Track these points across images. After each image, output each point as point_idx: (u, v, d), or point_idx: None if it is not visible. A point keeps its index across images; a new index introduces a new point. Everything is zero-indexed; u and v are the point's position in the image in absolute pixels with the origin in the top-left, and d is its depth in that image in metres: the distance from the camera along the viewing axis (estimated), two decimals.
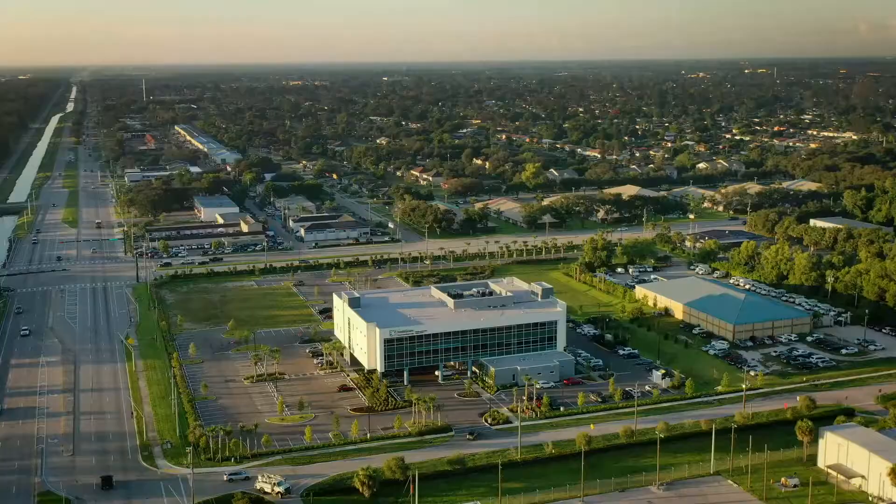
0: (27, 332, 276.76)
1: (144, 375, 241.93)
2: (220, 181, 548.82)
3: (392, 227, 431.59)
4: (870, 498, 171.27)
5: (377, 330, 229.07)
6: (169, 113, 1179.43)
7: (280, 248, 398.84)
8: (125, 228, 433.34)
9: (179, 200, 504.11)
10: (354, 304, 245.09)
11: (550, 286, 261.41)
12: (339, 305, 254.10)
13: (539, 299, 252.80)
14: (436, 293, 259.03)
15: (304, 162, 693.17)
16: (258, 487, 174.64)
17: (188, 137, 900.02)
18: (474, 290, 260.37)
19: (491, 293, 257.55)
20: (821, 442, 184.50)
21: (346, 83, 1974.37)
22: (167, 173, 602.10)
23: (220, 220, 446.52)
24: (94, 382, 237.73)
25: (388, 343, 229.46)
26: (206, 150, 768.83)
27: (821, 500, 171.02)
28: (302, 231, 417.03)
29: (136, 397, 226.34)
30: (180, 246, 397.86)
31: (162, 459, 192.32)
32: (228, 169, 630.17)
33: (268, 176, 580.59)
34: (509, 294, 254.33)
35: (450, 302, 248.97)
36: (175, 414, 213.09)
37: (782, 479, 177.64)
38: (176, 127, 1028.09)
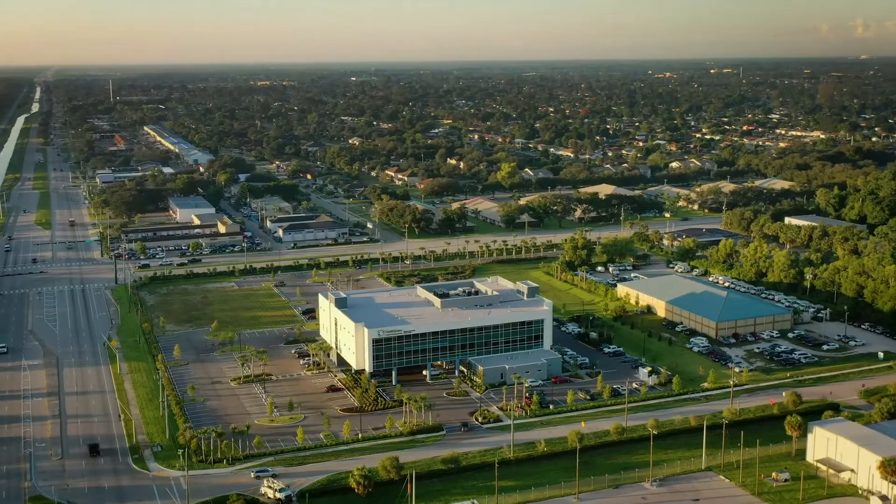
0: (4, 349, 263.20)
1: (130, 378, 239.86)
2: (195, 182, 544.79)
3: (371, 227, 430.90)
4: (860, 491, 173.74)
5: (365, 330, 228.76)
6: (137, 113, 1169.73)
7: (258, 248, 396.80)
8: (101, 230, 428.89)
9: (154, 201, 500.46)
10: (341, 304, 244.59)
11: (536, 285, 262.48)
12: (325, 306, 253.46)
13: (525, 298, 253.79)
14: (422, 293, 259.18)
15: (277, 162, 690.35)
16: (262, 492, 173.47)
17: (158, 138, 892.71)
18: (460, 289, 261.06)
19: (477, 292, 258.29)
20: (809, 437, 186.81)
21: (315, 83, 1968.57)
22: (139, 174, 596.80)
23: (197, 221, 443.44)
24: (78, 385, 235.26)
25: (376, 343, 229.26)
26: (177, 150, 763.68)
27: (812, 494, 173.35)
28: (280, 231, 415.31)
29: (122, 400, 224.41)
30: (157, 247, 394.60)
31: (153, 462, 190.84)
32: (201, 170, 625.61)
33: (242, 176, 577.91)
34: (495, 293, 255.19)
35: (436, 301, 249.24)
36: (164, 416, 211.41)
37: (773, 473, 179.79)
38: (145, 127, 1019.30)
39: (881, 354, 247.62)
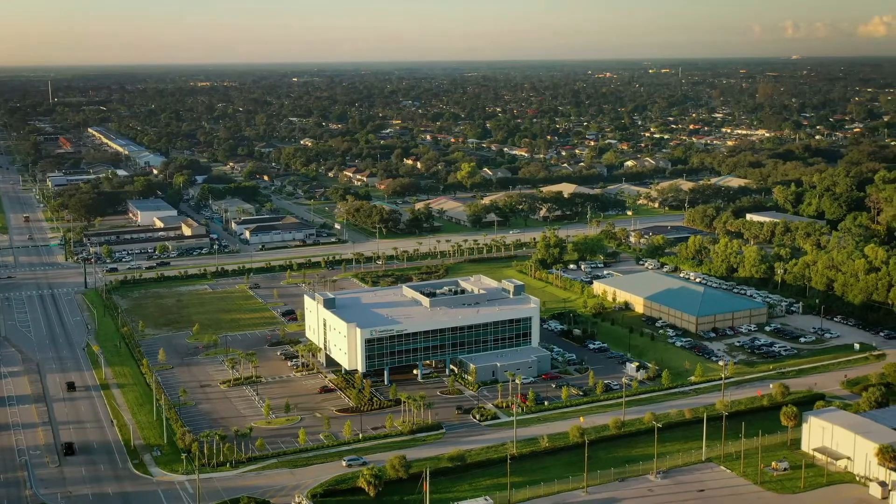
0: None
1: (116, 382, 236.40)
2: (152, 184, 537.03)
3: (338, 227, 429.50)
4: (857, 478, 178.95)
5: (358, 330, 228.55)
6: (79, 115, 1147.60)
7: (226, 251, 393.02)
8: (63, 233, 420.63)
9: (112, 204, 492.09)
10: (330, 305, 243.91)
11: (521, 283, 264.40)
12: (312, 307, 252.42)
13: (511, 296, 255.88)
14: (408, 292, 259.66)
15: (231, 164, 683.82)
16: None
17: (105, 140, 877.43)
18: (446, 288, 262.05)
19: (463, 291, 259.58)
20: (804, 426, 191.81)
21: (257, 84, 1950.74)
22: (92, 177, 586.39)
23: (159, 224, 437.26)
24: (64, 391, 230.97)
25: (368, 343, 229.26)
26: (126, 152, 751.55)
27: (811, 482, 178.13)
28: (247, 233, 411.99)
29: (112, 404, 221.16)
30: (123, 250, 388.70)
31: (154, 467, 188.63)
32: (155, 172, 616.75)
33: (199, 178, 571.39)
34: (482, 292, 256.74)
35: (424, 301, 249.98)
36: (158, 421, 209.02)
37: (772, 463, 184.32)
38: (89, 129, 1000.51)
39: (857, 346, 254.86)
